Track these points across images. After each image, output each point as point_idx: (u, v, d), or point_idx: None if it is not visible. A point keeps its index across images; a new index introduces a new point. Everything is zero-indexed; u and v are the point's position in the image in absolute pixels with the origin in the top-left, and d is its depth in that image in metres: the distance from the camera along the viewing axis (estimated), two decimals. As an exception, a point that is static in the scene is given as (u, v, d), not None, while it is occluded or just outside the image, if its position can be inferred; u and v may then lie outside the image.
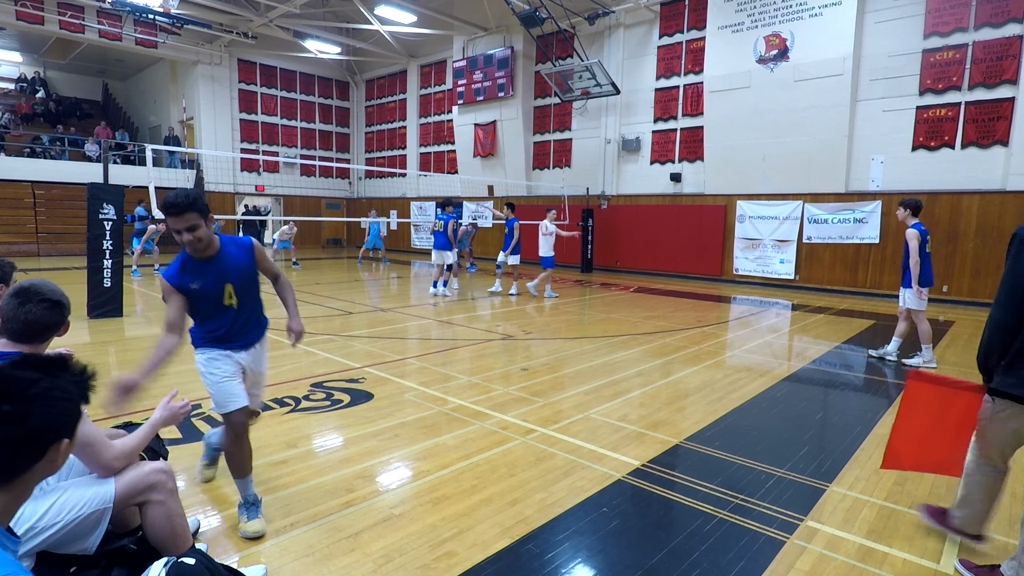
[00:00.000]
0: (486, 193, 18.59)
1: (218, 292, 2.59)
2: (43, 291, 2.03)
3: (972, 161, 10.58)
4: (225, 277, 2.60)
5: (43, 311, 2.00)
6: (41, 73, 23.79)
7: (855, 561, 2.50)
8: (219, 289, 2.59)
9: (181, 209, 2.40)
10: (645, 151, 15.11)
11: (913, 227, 5.97)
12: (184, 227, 2.42)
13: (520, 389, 4.92)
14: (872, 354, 6.52)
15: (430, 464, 3.39)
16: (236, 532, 2.60)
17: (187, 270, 2.54)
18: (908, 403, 2.68)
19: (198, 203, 2.43)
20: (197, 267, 2.55)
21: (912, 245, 5.88)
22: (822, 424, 4.39)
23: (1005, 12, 10.09)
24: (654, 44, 14.66)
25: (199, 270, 2.55)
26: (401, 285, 12.49)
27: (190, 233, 2.44)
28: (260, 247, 2.78)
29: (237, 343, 2.71)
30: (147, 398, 4.34)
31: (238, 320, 2.69)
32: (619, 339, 7.13)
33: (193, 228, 2.44)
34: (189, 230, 2.43)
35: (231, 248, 2.66)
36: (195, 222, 2.43)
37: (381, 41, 20.30)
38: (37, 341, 2.03)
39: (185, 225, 2.42)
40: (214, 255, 2.58)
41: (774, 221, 12.88)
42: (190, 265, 2.55)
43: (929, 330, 6.11)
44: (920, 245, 5.90)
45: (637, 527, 2.74)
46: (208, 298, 2.58)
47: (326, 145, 23.64)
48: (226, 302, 2.63)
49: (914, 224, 5.99)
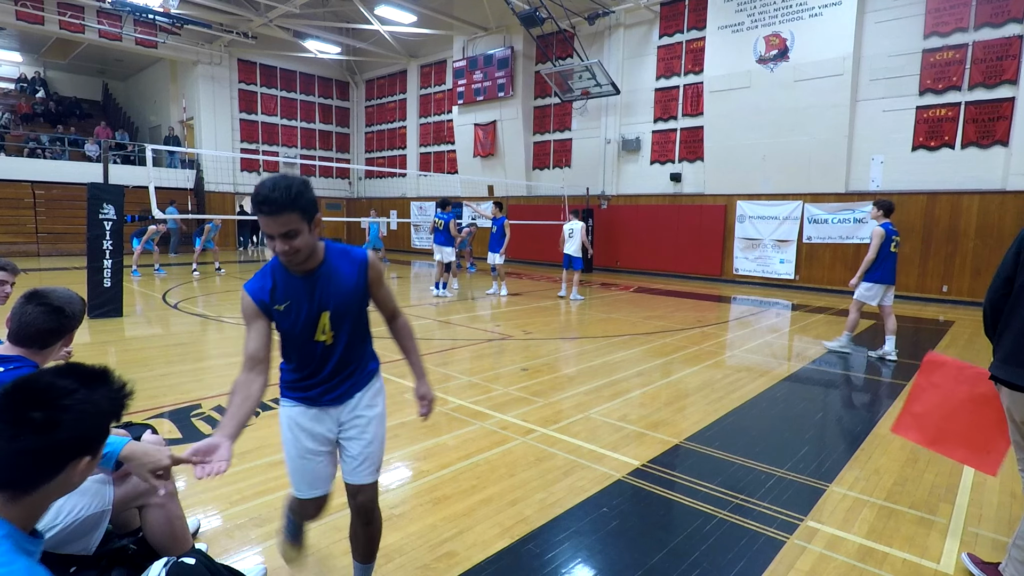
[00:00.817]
0: (486, 193, 18.59)
1: (310, 321, 1.88)
2: (48, 295, 1.99)
3: (972, 161, 10.58)
4: (323, 302, 1.88)
5: (39, 314, 1.96)
6: (41, 73, 23.78)
7: (855, 561, 2.50)
8: (312, 317, 1.88)
9: (278, 207, 1.67)
10: (645, 151, 15.11)
11: (882, 226, 6.23)
12: (279, 232, 1.70)
13: (520, 389, 4.92)
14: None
15: (430, 464, 3.39)
16: (236, 532, 2.60)
17: (276, 284, 1.86)
18: (922, 378, 2.73)
19: (301, 199, 1.69)
20: (289, 283, 1.86)
21: (874, 243, 6.19)
22: (822, 424, 4.39)
23: (1005, 12, 10.09)
24: (654, 44, 14.66)
25: (291, 287, 1.86)
26: (401, 285, 12.49)
27: (286, 241, 1.71)
28: (379, 266, 2.01)
29: (329, 395, 1.98)
30: (147, 398, 4.35)
31: (330, 362, 1.95)
32: (619, 339, 7.13)
33: (292, 235, 1.71)
34: (286, 237, 1.71)
35: (338, 260, 1.92)
36: (295, 226, 1.70)
37: (381, 41, 20.30)
38: (37, 346, 1.99)
39: (281, 230, 1.70)
40: (315, 268, 1.87)
41: (774, 221, 12.88)
42: (281, 278, 1.87)
43: (855, 321, 6.53)
44: (884, 243, 6.17)
45: (637, 527, 2.74)
46: (295, 327, 1.88)
47: (326, 145, 23.65)
48: (318, 337, 1.91)
49: (883, 223, 6.25)
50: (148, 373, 5.16)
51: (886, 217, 6.29)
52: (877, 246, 6.18)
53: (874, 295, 6.33)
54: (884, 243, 6.18)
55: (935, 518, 2.91)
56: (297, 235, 1.72)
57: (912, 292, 11.26)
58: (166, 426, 3.81)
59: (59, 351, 2.09)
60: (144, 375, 5.09)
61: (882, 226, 6.22)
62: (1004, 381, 2.23)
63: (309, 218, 1.74)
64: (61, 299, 2.02)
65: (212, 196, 19.86)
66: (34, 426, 1.08)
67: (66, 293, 2.05)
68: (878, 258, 6.23)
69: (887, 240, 6.18)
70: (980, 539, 2.73)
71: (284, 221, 1.69)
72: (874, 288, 6.31)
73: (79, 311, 2.08)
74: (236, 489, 2.98)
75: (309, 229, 1.75)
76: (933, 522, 2.87)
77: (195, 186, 19.27)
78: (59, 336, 2.03)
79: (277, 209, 1.67)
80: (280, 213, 1.67)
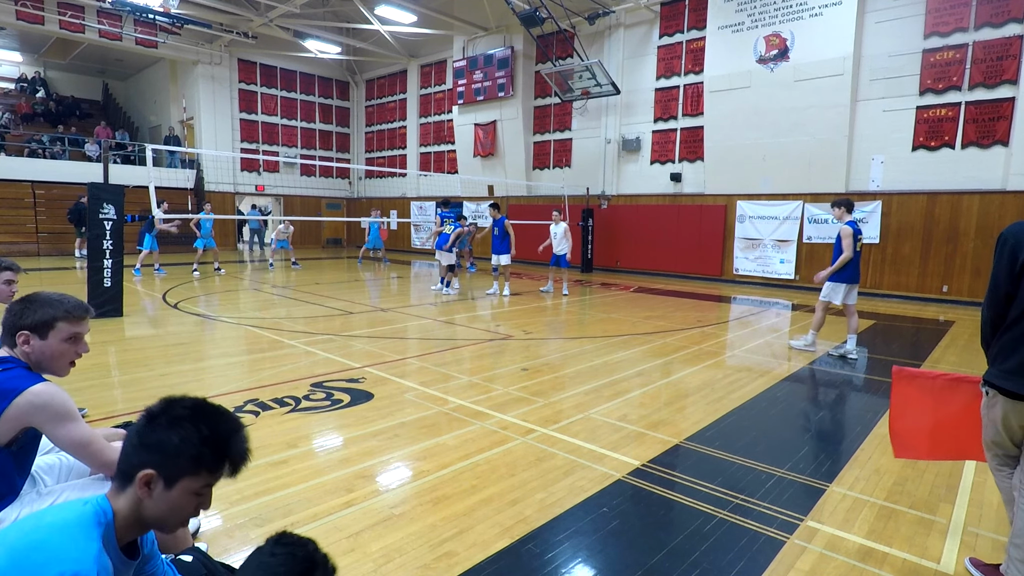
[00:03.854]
0: (486, 193, 18.59)
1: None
2: (38, 298, 1.98)
3: (972, 161, 10.57)
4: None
5: (13, 308, 1.97)
6: (41, 73, 23.78)
7: (855, 561, 2.50)
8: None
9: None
10: (645, 151, 15.11)
11: (848, 224, 6.29)
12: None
13: (520, 389, 4.92)
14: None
15: (430, 464, 3.39)
16: (236, 532, 2.60)
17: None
18: (897, 397, 2.70)
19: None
20: None
21: (847, 242, 6.23)
22: (822, 424, 4.39)
23: (1005, 12, 10.09)
24: (654, 44, 14.66)
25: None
26: (401, 285, 12.49)
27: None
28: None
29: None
30: (148, 398, 4.35)
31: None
32: (619, 339, 7.13)
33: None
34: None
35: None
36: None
37: (381, 41, 20.30)
38: (9, 344, 1.98)
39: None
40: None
41: (774, 221, 12.88)
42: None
43: (821, 320, 6.60)
44: (851, 243, 6.23)
45: (637, 527, 2.74)
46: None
47: (326, 145, 23.64)
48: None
49: (848, 222, 6.32)
50: (148, 373, 5.15)
51: (848, 215, 6.35)
52: (851, 245, 6.22)
53: (840, 294, 6.40)
54: (851, 243, 6.23)
55: (935, 518, 2.91)
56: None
57: (912, 292, 11.26)
58: (166, 426, 3.81)
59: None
60: (144, 375, 5.09)
61: (848, 224, 6.27)
62: (1010, 392, 2.23)
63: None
64: (48, 298, 1.98)
65: (212, 196, 19.84)
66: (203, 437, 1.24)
67: (59, 295, 2.02)
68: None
69: (854, 240, 6.25)
70: (980, 539, 2.72)
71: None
72: (840, 288, 6.39)
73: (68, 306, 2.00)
74: (236, 489, 2.98)
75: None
76: (933, 522, 2.87)
77: (195, 186, 19.27)
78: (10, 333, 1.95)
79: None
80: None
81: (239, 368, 5.43)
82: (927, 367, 6.09)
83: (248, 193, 21.37)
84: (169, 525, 1.28)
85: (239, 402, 4.31)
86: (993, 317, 2.33)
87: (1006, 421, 2.26)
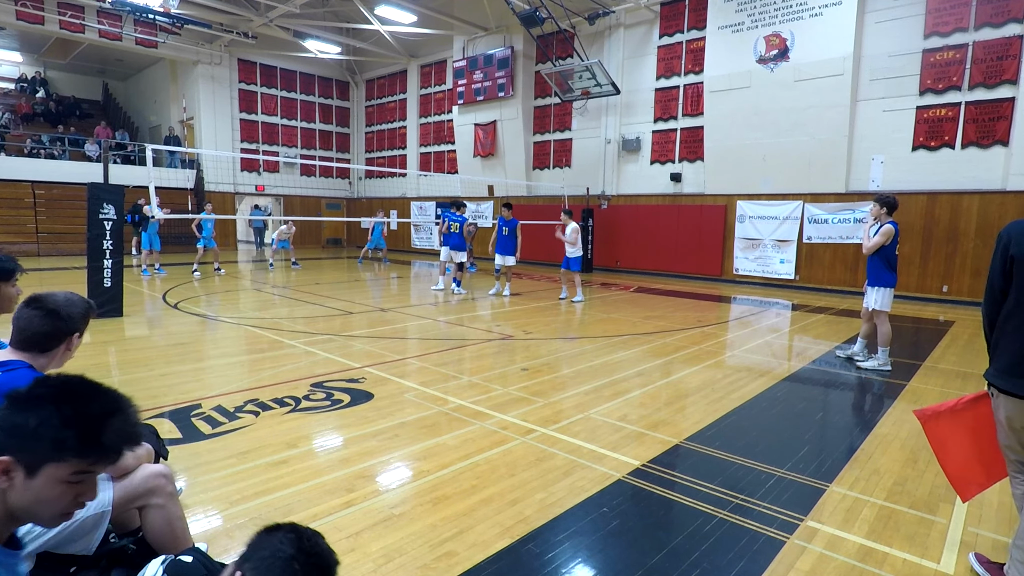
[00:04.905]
0: (486, 193, 18.60)
1: None
2: (45, 299, 1.97)
3: (972, 161, 10.57)
4: None
5: (34, 317, 1.95)
6: (41, 73, 23.79)
7: (855, 561, 2.50)
8: None
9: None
10: (645, 151, 15.11)
11: (891, 224, 5.89)
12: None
13: (520, 389, 4.92)
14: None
15: (430, 464, 3.39)
16: (236, 532, 2.60)
17: None
18: (934, 440, 2.57)
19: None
20: None
21: (882, 239, 5.83)
22: (822, 424, 4.39)
23: (1005, 12, 10.09)
24: (654, 44, 14.66)
25: None
26: (401, 285, 12.49)
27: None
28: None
29: None
30: (147, 398, 4.35)
31: None
32: (619, 339, 7.13)
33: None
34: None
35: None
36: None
37: (381, 41, 20.30)
38: (35, 351, 1.97)
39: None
40: None
41: (774, 221, 12.88)
42: None
43: (889, 331, 6.02)
44: (892, 244, 5.87)
45: (637, 527, 2.74)
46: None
47: (326, 145, 23.65)
48: None
49: (891, 222, 5.91)
50: (148, 373, 5.15)
51: (888, 216, 5.93)
52: (884, 243, 5.84)
53: (891, 299, 5.98)
54: (892, 243, 5.88)
55: (935, 518, 2.91)
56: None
57: (912, 292, 11.26)
58: (166, 426, 3.81)
59: (64, 354, 2.08)
60: (144, 375, 5.09)
61: (891, 223, 5.88)
62: (1005, 391, 2.23)
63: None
64: (58, 302, 1.99)
65: (212, 196, 19.84)
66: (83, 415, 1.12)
67: (66, 296, 2.02)
68: (889, 260, 5.92)
69: (894, 241, 5.90)
70: (980, 539, 2.72)
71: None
72: (891, 292, 5.97)
73: (78, 313, 2.04)
74: (236, 489, 2.98)
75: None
76: (933, 522, 2.87)
77: (195, 186, 19.27)
78: (58, 339, 1.99)
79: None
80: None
81: (239, 368, 5.43)
82: (927, 367, 6.10)
83: (248, 193, 21.37)
84: (41, 518, 1.16)
85: (239, 402, 4.31)
86: (990, 314, 2.34)
87: (1011, 422, 2.26)
